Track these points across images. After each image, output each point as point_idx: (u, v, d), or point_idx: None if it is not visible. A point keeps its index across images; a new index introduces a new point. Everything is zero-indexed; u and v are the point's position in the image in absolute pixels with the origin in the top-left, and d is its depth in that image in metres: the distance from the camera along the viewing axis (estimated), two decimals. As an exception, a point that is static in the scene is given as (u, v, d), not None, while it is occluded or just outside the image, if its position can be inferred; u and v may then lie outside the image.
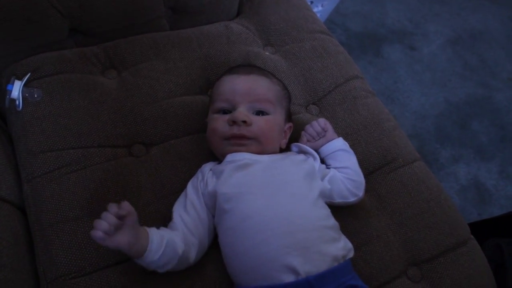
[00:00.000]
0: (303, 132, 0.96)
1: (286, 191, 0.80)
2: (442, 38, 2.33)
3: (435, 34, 2.34)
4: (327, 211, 0.83)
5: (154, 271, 0.76)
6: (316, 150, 0.93)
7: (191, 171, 0.89)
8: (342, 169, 0.91)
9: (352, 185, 0.89)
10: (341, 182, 0.88)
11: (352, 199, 0.90)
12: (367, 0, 2.38)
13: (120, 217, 0.68)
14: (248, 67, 0.98)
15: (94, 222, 0.67)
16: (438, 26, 2.38)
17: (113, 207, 0.68)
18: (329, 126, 0.95)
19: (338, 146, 0.93)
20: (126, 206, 0.69)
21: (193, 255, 0.78)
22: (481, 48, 2.33)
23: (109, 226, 0.67)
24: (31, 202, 0.86)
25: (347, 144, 0.95)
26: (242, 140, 0.85)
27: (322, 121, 0.94)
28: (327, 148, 0.93)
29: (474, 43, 2.35)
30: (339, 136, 0.96)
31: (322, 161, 0.93)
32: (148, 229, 0.74)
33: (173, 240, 0.75)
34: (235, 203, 0.77)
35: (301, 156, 0.90)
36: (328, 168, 0.92)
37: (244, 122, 0.84)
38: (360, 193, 0.90)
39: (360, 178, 0.91)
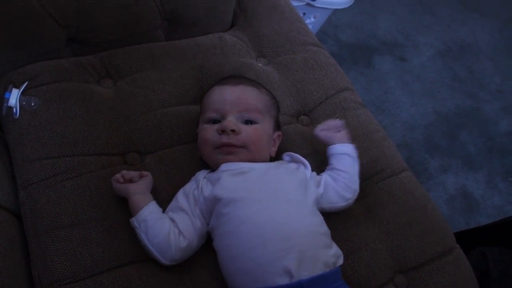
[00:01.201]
0: (321, 125, 1.00)
1: (282, 197, 0.83)
2: (432, 49, 2.38)
3: (425, 45, 2.39)
4: (320, 218, 0.85)
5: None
6: (327, 146, 0.97)
7: (185, 180, 0.91)
8: (340, 172, 0.93)
9: (344, 188, 0.91)
10: (331, 187, 0.91)
11: (341, 203, 0.92)
12: (359, 12, 2.42)
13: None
14: (237, 78, 1.01)
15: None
16: (428, 38, 2.43)
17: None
18: (345, 130, 0.98)
19: (346, 151, 0.95)
20: (146, 172, 0.88)
21: (179, 252, 0.81)
22: (470, 60, 2.38)
23: (129, 174, 0.86)
24: (27, 208, 0.88)
25: (356, 152, 0.97)
26: (231, 149, 0.87)
27: (340, 121, 1.00)
28: (336, 148, 0.96)
29: (463, 55, 2.40)
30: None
31: (323, 163, 0.97)
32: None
33: (168, 223, 0.81)
34: (232, 208, 0.80)
35: (294, 165, 0.92)
36: (322, 172, 0.94)
37: (233, 131, 0.87)
38: (350, 196, 0.93)
39: (355, 185, 0.94)
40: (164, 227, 0.80)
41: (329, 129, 0.98)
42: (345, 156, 0.95)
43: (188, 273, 0.83)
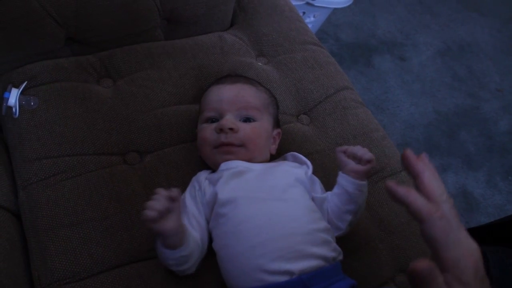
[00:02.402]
0: (347, 147, 0.86)
1: (280, 196, 0.82)
2: (431, 49, 2.38)
3: (425, 45, 2.39)
4: (318, 214, 0.85)
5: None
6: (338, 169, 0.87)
7: (185, 179, 0.91)
8: (332, 205, 0.86)
9: (330, 221, 0.86)
10: (321, 211, 0.86)
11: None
12: (359, 11, 2.42)
13: (170, 200, 0.70)
14: (235, 76, 1.01)
15: (148, 203, 0.69)
16: (427, 37, 2.43)
17: (163, 190, 0.70)
18: (369, 166, 0.83)
19: (350, 188, 0.83)
20: (176, 191, 0.71)
21: (197, 264, 0.81)
22: (470, 59, 2.38)
23: (162, 207, 0.68)
24: (27, 208, 0.88)
25: (366, 192, 0.86)
26: (230, 148, 0.87)
27: (369, 155, 0.83)
28: (343, 180, 0.85)
29: (462, 54, 2.40)
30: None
31: (323, 162, 0.95)
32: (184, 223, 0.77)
33: (197, 251, 0.79)
34: (230, 208, 0.80)
35: (294, 164, 0.92)
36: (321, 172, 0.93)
37: (231, 129, 0.86)
38: (334, 231, 0.86)
39: (342, 224, 0.86)
40: (196, 253, 0.79)
41: (349, 154, 0.85)
42: (343, 191, 0.84)
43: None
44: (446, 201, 0.57)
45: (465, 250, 0.55)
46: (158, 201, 0.69)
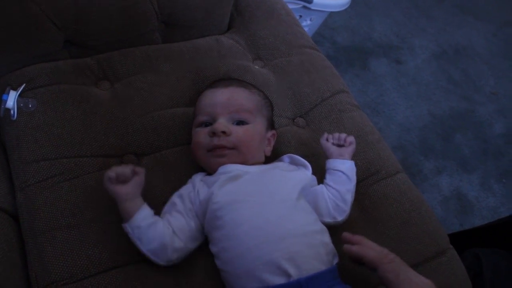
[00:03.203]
0: (328, 134, 0.98)
1: (275, 198, 0.83)
2: (427, 52, 2.40)
3: (421, 48, 2.40)
4: (315, 216, 0.86)
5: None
6: (327, 157, 0.96)
7: (182, 181, 0.92)
8: (330, 188, 0.92)
9: (333, 207, 0.90)
10: (324, 200, 0.90)
11: (327, 220, 0.90)
12: (355, 14, 2.43)
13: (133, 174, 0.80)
14: (228, 80, 1.02)
15: (113, 167, 0.79)
16: (423, 40, 2.44)
17: (131, 165, 0.81)
18: (352, 147, 0.96)
19: (341, 168, 0.93)
20: (141, 168, 0.81)
21: (175, 253, 0.81)
22: (465, 63, 2.40)
23: (122, 171, 0.79)
24: (24, 209, 0.88)
25: (355, 170, 0.95)
26: (222, 151, 0.88)
27: (350, 137, 0.97)
28: (334, 163, 0.94)
29: (458, 57, 2.42)
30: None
31: (320, 165, 0.96)
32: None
33: (162, 226, 0.80)
34: (227, 211, 0.80)
35: (291, 166, 0.93)
36: (320, 175, 0.94)
37: (224, 132, 0.87)
38: (339, 217, 0.91)
39: (344, 205, 0.91)
40: (158, 232, 0.79)
41: (334, 140, 0.97)
42: (339, 173, 0.93)
43: (185, 274, 0.84)
44: (389, 252, 0.76)
45: (416, 285, 0.72)
46: (121, 167, 0.79)
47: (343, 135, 0.96)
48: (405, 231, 0.98)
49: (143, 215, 0.80)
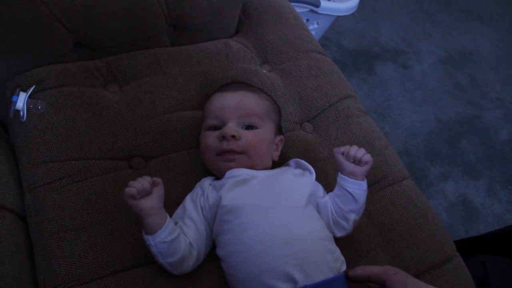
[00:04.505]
0: (344, 148, 0.88)
1: (283, 203, 0.83)
2: (433, 57, 2.39)
3: (427, 53, 2.40)
4: (322, 223, 0.86)
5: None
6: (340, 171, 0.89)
7: (189, 185, 0.92)
8: (335, 205, 0.88)
9: (334, 222, 0.87)
10: (327, 213, 0.88)
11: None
12: (362, 18, 2.44)
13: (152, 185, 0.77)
14: (237, 84, 1.02)
15: (130, 182, 0.75)
16: (430, 45, 2.44)
17: (147, 176, 0.77)
18: (366, 167, 0.86)
19: (350, 189, 0.86)
20: (159, 179, 0.78)
21: (190, 264, 0.81)
22: (471, 68, 2.40)
23: (142, 187, 0.75)
24: (33, 211, 0.89)
25: (365, 191, 0.88)
26: (232, 155, 0.88)
27: (367, 156, 0.86)
28: (343, 181, 0.87)
29: (464, 63, 2.41)
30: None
31: (326, 170, 0.96)
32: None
33: (183, 240, 0.79)
34: (234, 215, 0.80)
35: (298, 171, 0.93)
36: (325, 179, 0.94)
37: (233, 136, 0.87)
38: (337, 233, 0.88)
39: (347, 224, 0.87)
40: (180, 246, 0.78)
41: (349, 159, 0.87)
42: (345, 192, 0.86)
43: (191, 278, 0.84)
44: (392, 266, 0.76)
45: None
46: (139, 182, 0.75)
47: (360, 154, 0.86)
48: (411, 238, 0.98)
49: (168, 231, 0.77)
